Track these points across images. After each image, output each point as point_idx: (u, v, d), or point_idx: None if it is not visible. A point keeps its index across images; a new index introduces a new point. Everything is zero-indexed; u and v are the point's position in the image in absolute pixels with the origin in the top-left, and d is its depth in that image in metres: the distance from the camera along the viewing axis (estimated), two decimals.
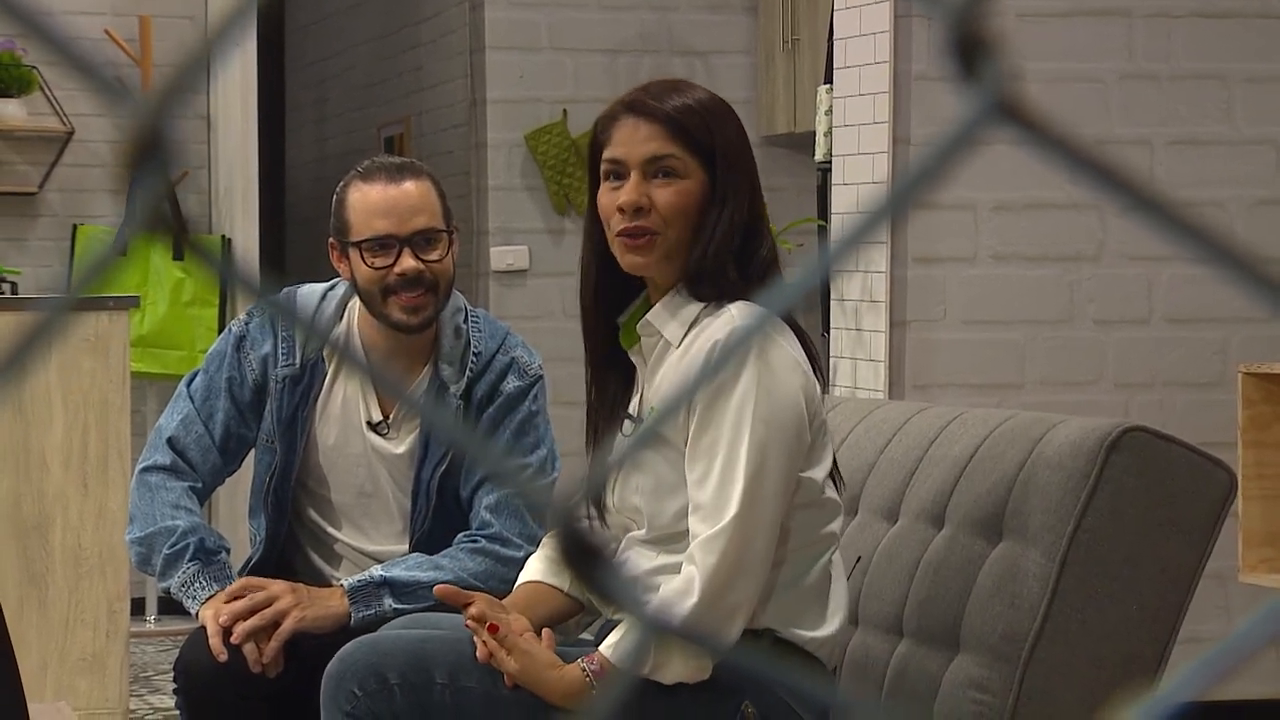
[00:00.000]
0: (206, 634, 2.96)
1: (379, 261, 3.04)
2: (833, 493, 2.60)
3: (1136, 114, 4.67)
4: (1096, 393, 4.65)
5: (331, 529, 3.20)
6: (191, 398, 3.20)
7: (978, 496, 2.72)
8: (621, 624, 2.54)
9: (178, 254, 6.48)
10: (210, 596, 3.02)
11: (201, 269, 6.48)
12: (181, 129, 6.62)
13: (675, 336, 2.56)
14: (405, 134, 7.63)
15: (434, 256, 3.06)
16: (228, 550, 3.14)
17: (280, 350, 3.16)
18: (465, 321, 3.16)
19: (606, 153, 2.58)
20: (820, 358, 2.63)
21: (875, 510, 2.93)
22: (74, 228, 6.58)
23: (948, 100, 4.57)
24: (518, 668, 2.50)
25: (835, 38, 4.92)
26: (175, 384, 3.36)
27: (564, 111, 6.61)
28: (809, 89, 6.07)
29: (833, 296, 4.88)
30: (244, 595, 3.00)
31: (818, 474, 2.55)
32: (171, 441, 3.18)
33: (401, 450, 3.15)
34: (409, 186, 3.08)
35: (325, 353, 3.16)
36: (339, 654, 2.58)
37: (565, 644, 2.61)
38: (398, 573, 3.04)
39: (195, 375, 3.23)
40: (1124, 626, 2.62)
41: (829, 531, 2.59)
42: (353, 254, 3.07)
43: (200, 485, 3.19)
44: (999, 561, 2.65)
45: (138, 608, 6.28)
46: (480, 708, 2.53)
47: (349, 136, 8.45)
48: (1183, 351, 4.69)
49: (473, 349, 3.14)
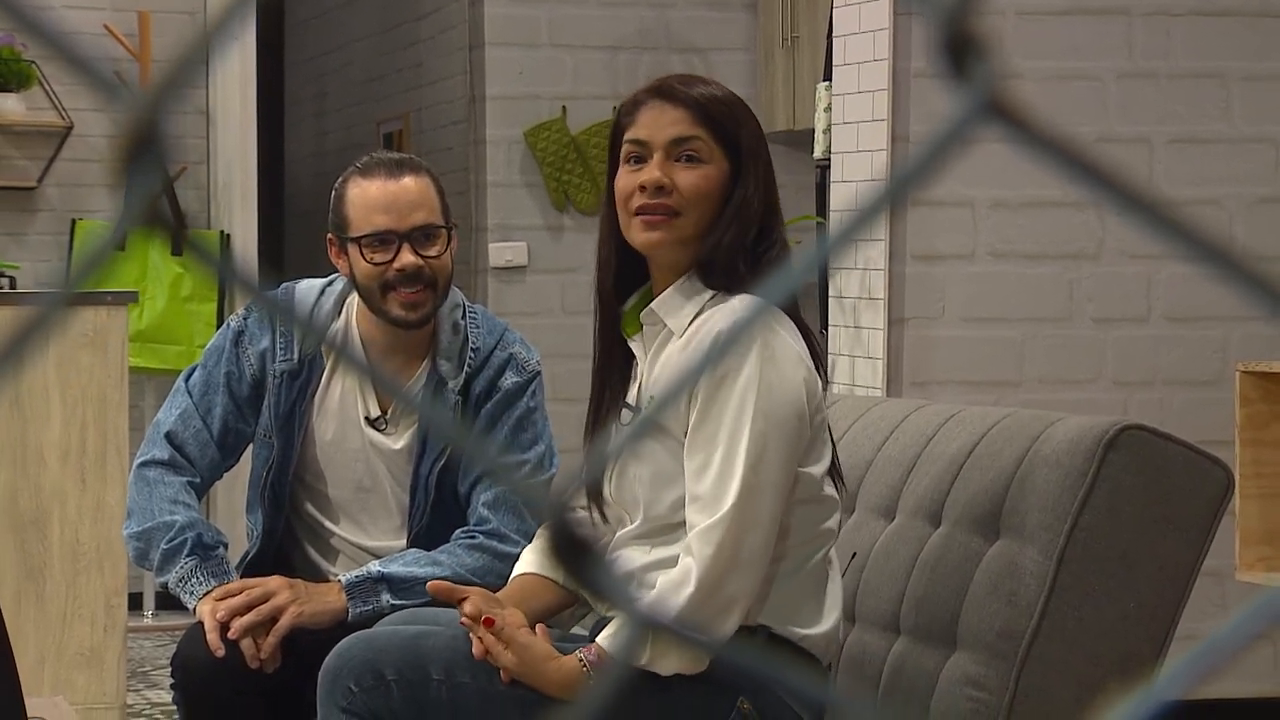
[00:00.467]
0: (204, 629, 2.96)
1: (378, 257, 3.04)
2: (831, 490, 2.60)
3: (1135, 112, 4.67)
4: (1095, 391, 4.65)
5: (329, 524, 3.20)
6: (190, 393, 3.20)
7: (975, 494, 2.72)
8: (618, 616, 2.54)
9: (176, 249, 6.48)
10: (208, 592, 3.02)
11: (200, 265, 6.48)
12: (180, 124, 6.62)
13: (679, 326, 2.56)
14: (404, 130, 7.63)
15: (433, 252, 3.06)
16: (226, 545, 3.14)
17: (278, 345, 3.16)
18: (463, 317, 3.16)
19: (629, 134, 2.58)
20: (823, 355, 2.63)
21: (872, 508, 2.93)
22: (73, 222, 6.58)
23: (947, 98, 4.56)
24: (515, 661, 2.50)
25: (834, 35, 4.92)
26: (173, 379, 3.36)
27: (563, 108, 6.60)
28: (808, 86, 6.06)
29: (831, 293, 4.88)
30: (241, 591, 3.00)
31: (817, 470, 2.55)
32: (170, 436, 3.18)
33: (400, 445, 3.16)
34: (408, 182, 3.08)
35: (323, 348, 3.16)
36: (335, 650, 2.58)
37: (560, 638, 2.62)
38: (395, 568, 3.04)
39: (193, 370, 3.24)
40: (1121, 624, 2.62)
41: (827, 528, 2.59)
42: (351, 250, 3.07)
43: (198, 480, 3.19)
44: (996, 559, 2.66)
45: (135, 603, 6.28)
46: (476, 703, 2.53)
47: (348, 132, 8.45)
48: (1181, 350, 4.69)
49: (471, 345, 3.14)
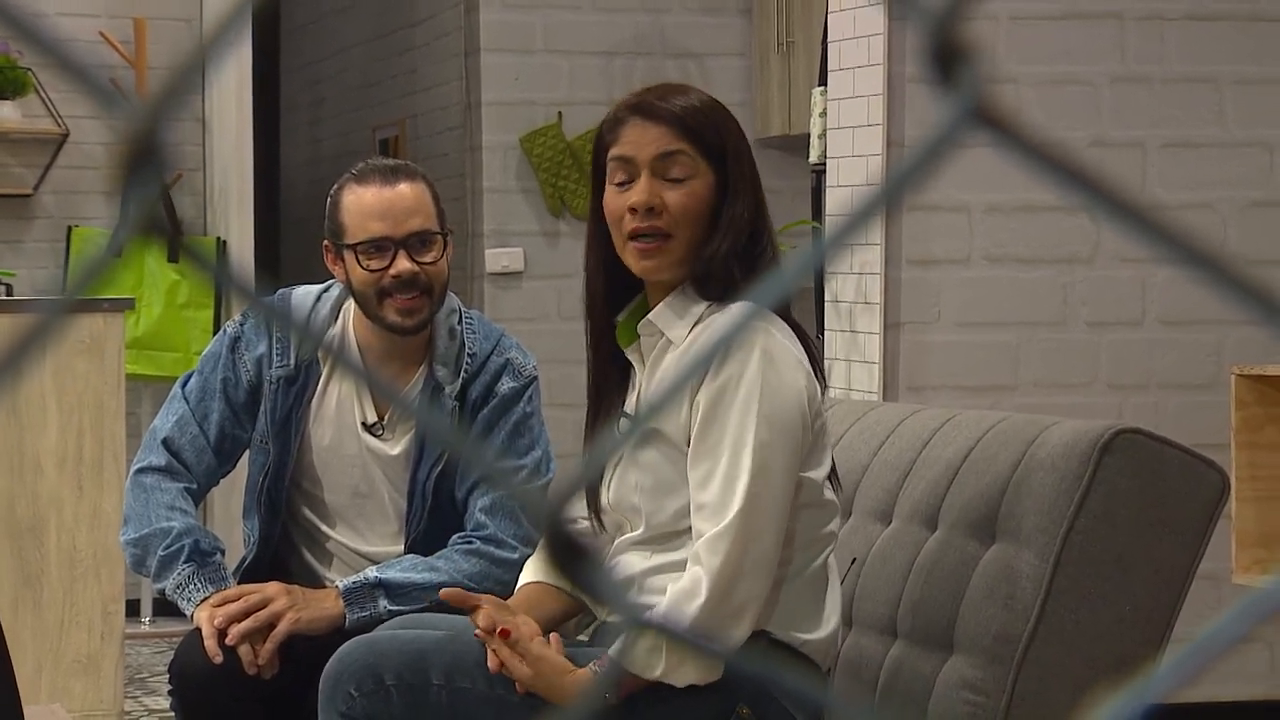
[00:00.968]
0: (202, 636, 2.97)
1: (374, 264, 3.05)
2: (831, 494, 2.61)
3: (1129, 116, 4.67)
4: (1090, 394, 4.65)
5: (325, 529, 3.20)
6: (186, 399, 3.21)
7: (971, 498, 2.73)
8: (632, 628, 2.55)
9: (172, 256, 6.48)
10: (205, 598, 3.02)
11: (198, 271, 6.48)
12: (177, 131, 6.62)
13: (678, 336, 2.57)
14: (400, 136, 7.64)
15: (429, 259, 3.07)
16: (223, 551, 3.14)
17: (275, 351, 3.16)
18: (460, 323, 3.16)
19: (614, 152, 2.58)
20: (821, 360, 2.64)
21: (869, 512, 2.94)
22: (69, 229, 6.59)
23: (941, 102, 4.57)
24: (531, 674, 2.50)
25: (829, 40, 4.93)
26: (170, 386, 3.36)
27: (559, 114, 6.61)
28: (803, 91, 6.07)
29: (827, 298, 4.89)
30: (239, 598, 3.00)
31: (818, 474, 2.56)
32: (167, 443, 3.18)
33: (397, 451, 3.16)
34: (404, 189, 3.08)
35: (320, 354, 3.17)
36: (336, 654, 2.59)
37: (566, 645, 2.62)
38: (393, 574, 3.04)
39: (190, 377, 3.24)
40: (1117, 627, 2.62)
41: (828, 532, 2.60)
42: (348, 256, 3.08)
43: (195, 486, 3.19)
44: (992, 563, 2.66)
45: (133, 609, 6.28)
46: (477, 708, 2.53)
47: (344, 139, 8.45)
48: (1176, 353, 4.69)
49: (468, 350, 3.14)
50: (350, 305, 3.15)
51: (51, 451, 4.48)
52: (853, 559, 2.89)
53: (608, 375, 2.66)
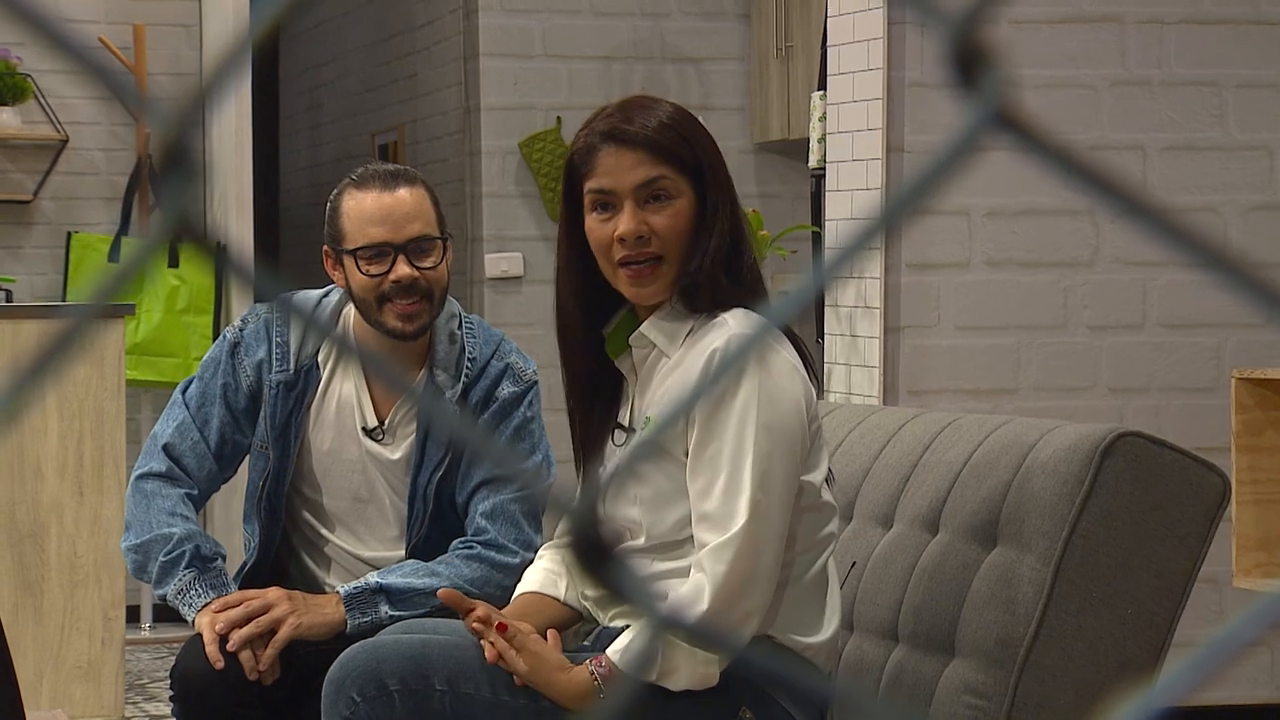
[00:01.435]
0: (203, 641, 2.97)
1: (374, 269, 3.05)
2: (829, 495, 2.61)
3: (1130, 120, 4.68)
4: (1091, 398, 4.65)
5: (326, 533, 3.20)
6: (187, 405, 3.20)
7: (972, 502, 2.73)
8: (630, 628, 2.55)
9: (173, 261, 6.48)
10: (207, 604, 3.02)
11: (198, 275, 6.47)
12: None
13: (671, 347, 2.57)
14: (399, 141, 7.64)
15: (429, 264, 3.07)
16: (224, 557, 3.14)
17: (274, 356, 3.16)
18: (460, 328, 3.16)
19: (591, 184, 2.58)
20: (814, 361, 2.65)
21: (870, 516, 2.94)
22: (68, 235, 6.58)
23: (941, 107, 4.57)
24: (526, 668, 2.51)
25: (829, 44, 4.93)
26: (170, 391, 3.36)
27: (558, 119, 6.61)
28: (802, 96, 6.07)
29: (827, 303, 4.89)
30: (240, 603, 3.00)
31: (816, 477, 2.57)
32: (167, 448, 3.18)
33: (397, 456, 3.16)
34: (403, 194, 3.08)
35: (320, 358, 3.17)
36: (339, 660, 2.59)
37: (565, 650, 2.62)
38: (393, 580, 3.04)
39: (190, 382, 3.24)
40: (1119, 631, 2.62)
41: (827, 533, 2.61)
42: (347, 262, 3.08)
43: (196, 492, 3.19)
44: (994, 567, 2.66)
45: (133, 615, 6.28)
46: (480, 713, 2.53)
47: (343, 143, 8.45)
48: (1177, 357, 4.69)
49: (468, 355, 3.14)
50: (350, 310, 3.15)
51: (52, 457, 4.48)
52: (853, 562, 2.89)
53: (596, 387, 2.65)
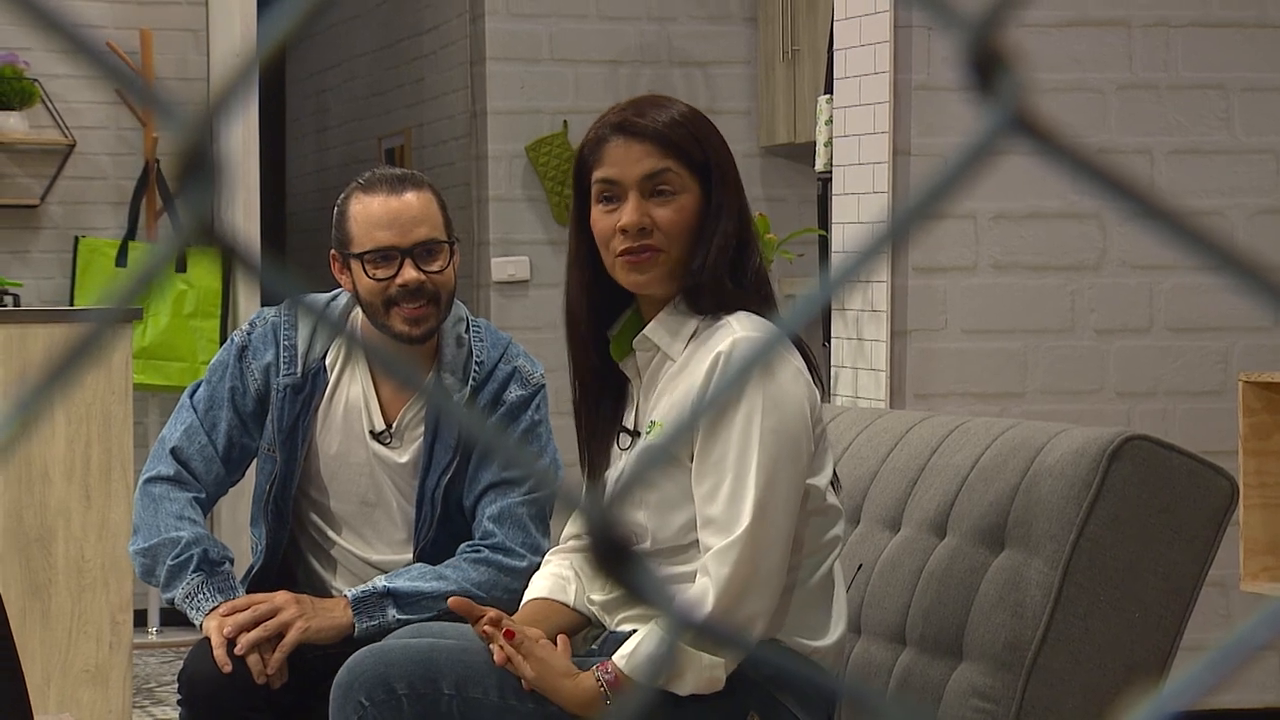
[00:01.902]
0: (211, 645, 2.97)
1: (381, 273, 3.05)
2: (834, 498, 2.61)
3: (1136, 123, 4.68)
4: (1098, 402, 4.65)
5: (333, 536, 3.20)
6: (194, 408, 3.21)
7: (980, 505, 2.73)
8: (635, 634, 2.55)
9: (180, 266, 6.49)
10: (214, 607, 3.02)
11: (206, 280, 6.48)
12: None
13: (674, 350, 2.57)
14: (406, 145, 7.64)
15: (435, 267, 3.07)
16: (231, 561, 3.14)
17: (282, 359, 3.16)
18: (467, 331, 3.17)
19: (598, 174, 2.58)
20: (818, 364, 2.65)
21: (877, 520, 2.94)
22: (75, 240, 6.59)
23: (948, 110, 4.57)
24: (534, 674, 2.51)
25: (835, 48, 4.93)
26: (177, 396, 3.36)
27: (564, 123, 6.62)
28: (809, 99, 6.07)
29: (834, 306, 4.89)
30: (248, 607, 3.00)
31: (821, 480, 2.57)
32: (175, 452, 3.18)
33: (405, 459, 3.16)
34: (410, 198, 3.08)
35: (328, 361, 3.17)
36: (347, 664, 2.59)
37: (573, 655, 2.62)
38: (401, 583, 3.04)
39: (198, 386, 3.24)
40: (1126, 635, 2.62)
41: (832, 537, 2.61)
42: (354, 266, 3.08)
43: (204, 496, 3.19)
44: (1001, 570, 2.66)
45: (140, 619, 6.28)
46: (488, 718, 2.53)
47: (350, 148, 8.46)
48: (1184, 360, 4.69)
49: (475, 358, 3.15)
50: (357, 314, 3.16)
51: (59, 461, 4.48)
52: (859, 565, 2.89)
53: (601, 389, 2.65)
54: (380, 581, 3.05)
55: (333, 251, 3.14)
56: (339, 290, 3.20)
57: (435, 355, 3.15)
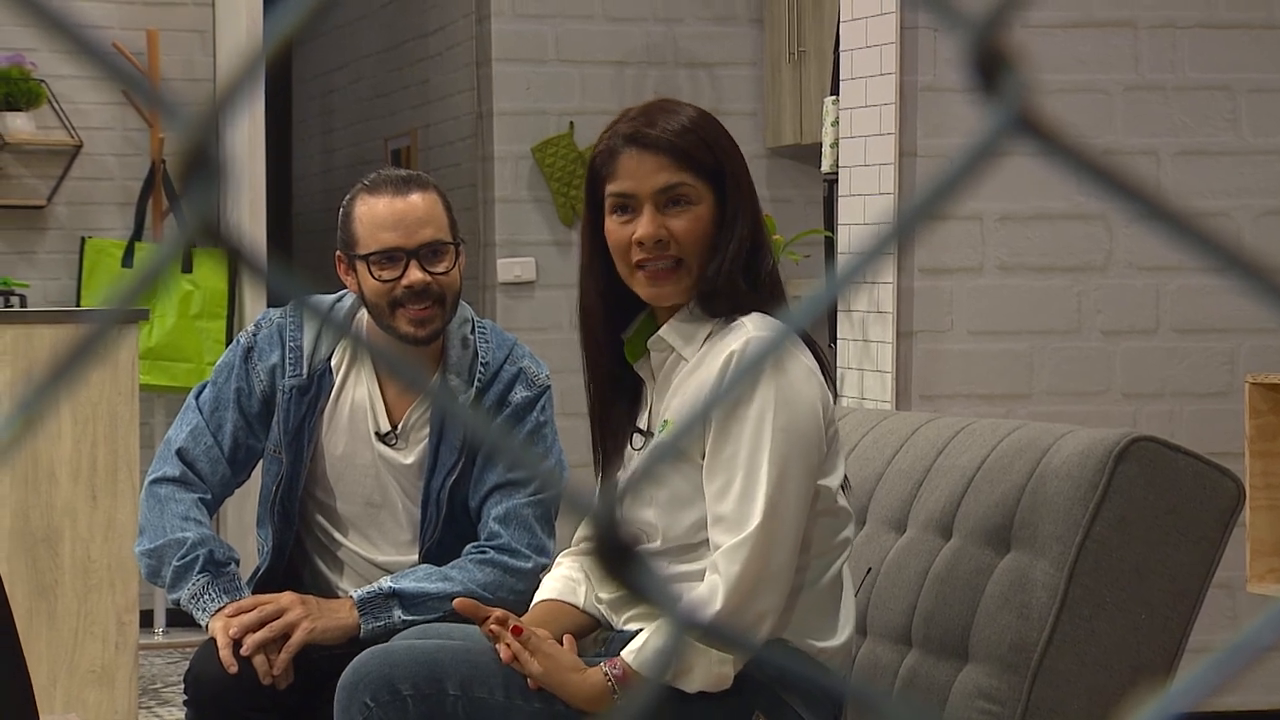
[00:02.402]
0: (216, 646, 2.97)
1: (386, 274, 3.05)
2: (844, 501, 2.61)
3: (1143, 125, 4.67)
4: (1104, 403, 4.65)
5: (339, 537, 3.21)
6: (200, 409, 3.21)
7: (986, 507, 2.72)
8: (644, 630, 2.55)
9: (186, 266, 6.49)
10: (220, 608, 3.03)
11: (212, 280, 6.48)
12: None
13: (688, 351, 2.57)
14: (412, 146, 7.65)
15: (441, 269, 3.07)
16: (237, 562, 3.15)
17: (288, 361, 3.16)
18: (473, 332, 3.17)
19: (612, 186, 2.59)
20: (831, 366, 2.65)
21: (883, 521, 2.93)
22: (82, 240, 6.59)
23: (954, 111, 4.57)
24: (541, 670, 2.51)
25: (841, 49, 4.93)
26: (183, 396, 3.37)
27: (571, 124, 6.62)
28: (815, 100, 6.07)
29: (840, 307, 4.89)
30: (253, 608, 3.00)
31: (832, 482, 2.57)
32: (181, 453, 3.19)
33: (410, 460, 3.16)
34: (415, 199, 3.08)
35: (334, 363, 3.17)
36: (352, 664, 2.59)
37: (581, 656, 2.62)
38: (407, 584, 3.05)
39: (204, 387, 3.24)
40: (1133, 636, 2.62)
41: (842, 539, 2.61)
42: (360, 267, 3.08)
43: (209, 496, 3.20)
44: (1007, 572, 2.66)
45: (146, 620, 6.29)
46: (493, 718, 2.53)
47: (356, 149, 8.47)
48: (1190, 362, 4.69)
49: (480, 359, 3.15)
50: (363, 315, 3.16)
51: (65, 462, 4.48)
52: (868, 568, 2.89)
53: (616, 390, 2.66)
54: (386, 582, 3.05)
55: (338, 253, 3.14)
56: (344, 291, 3.20)
57: (440, 357, 3.15)
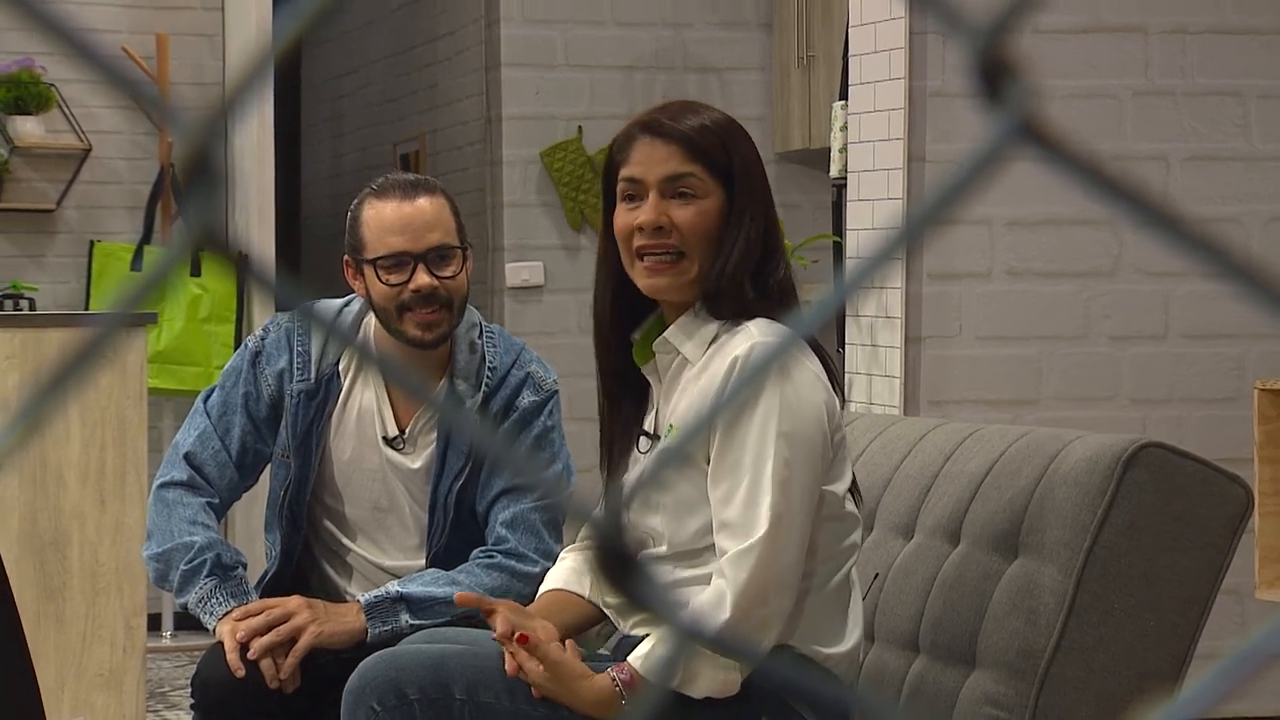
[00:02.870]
0: (224, 650, 2.97)
1: (394, 278, 3.05)
2: (852, 506, 2.61)
3: (1152, 130, 4.67)
4: (1112, 408, 4.64)
5: (347, 542, 3.21)
6: (208, 414, 3.21)
7: (993, 512, 2.72)
8: (651, 635, 2.55)
9: (195, 270, 6.50)
10: (228, 612, 3.03)
11: (220, 284, 6.48)
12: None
13: (694, 354, 2.57)
14: (420, 151, 7.65)
15: (448, 273, 3.07)
16: (245, 566, 3.15)
17: (295, 365, 3.17)
18: (480, 337, 3.17)
19: (624, 172, 2.60)
20: (838, 372, 2.64)
21: (891, 526, 2.93)
22: (91, 244, 6.60)
23: (963, 116, 4.57)
24: (548, 677, 2.50)
25: (850, 54, 4.93)
26: (192, 400, 3.37)
27: (579, 128, 6.62)
28: (824, 105, 6.07)
29: (848, 312, 4.89)
30: (261, 612, 3.00)
31: (839, 487, 2.57)
32: (189, 457, 3.19)
33: (418, 465, 3.16)
34: (423, 203, 3.09)
35: (341, 367, 3.18)
36: (358, 669, 2.59)
37: (586, 657, 2.62)
38: (414, 588, 3.05)
39: (212, 391, 3.25)
40: (1141, 642, 2.61)
41: (850, 544, 2.61)
42: (368, 271, 3.08)
43: (217, 501, 3.20)
44: (1015, 577, 2.65)
45: (154, 623, 6.29)
46: None
47: (364, 153, 8.47)
48: (1199, 367, 4.68)
49: (488, 364, 3.15)
50: (371, 320, 3.16)
51: (74, 465, 4.49)
52: (875, 574, 2.89)
53: (623, 393, 2.66)
54: (393, 586, 3.05)
55: (346, 257, 3.14)
56: (352, 296, 3.21)
57: (448, 361, 3.15)
